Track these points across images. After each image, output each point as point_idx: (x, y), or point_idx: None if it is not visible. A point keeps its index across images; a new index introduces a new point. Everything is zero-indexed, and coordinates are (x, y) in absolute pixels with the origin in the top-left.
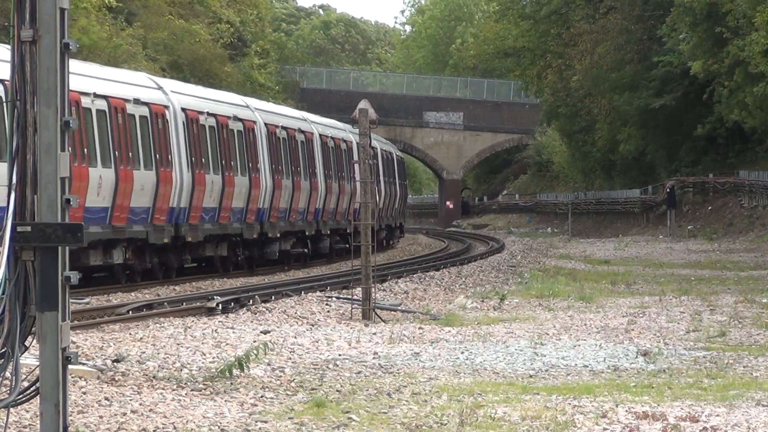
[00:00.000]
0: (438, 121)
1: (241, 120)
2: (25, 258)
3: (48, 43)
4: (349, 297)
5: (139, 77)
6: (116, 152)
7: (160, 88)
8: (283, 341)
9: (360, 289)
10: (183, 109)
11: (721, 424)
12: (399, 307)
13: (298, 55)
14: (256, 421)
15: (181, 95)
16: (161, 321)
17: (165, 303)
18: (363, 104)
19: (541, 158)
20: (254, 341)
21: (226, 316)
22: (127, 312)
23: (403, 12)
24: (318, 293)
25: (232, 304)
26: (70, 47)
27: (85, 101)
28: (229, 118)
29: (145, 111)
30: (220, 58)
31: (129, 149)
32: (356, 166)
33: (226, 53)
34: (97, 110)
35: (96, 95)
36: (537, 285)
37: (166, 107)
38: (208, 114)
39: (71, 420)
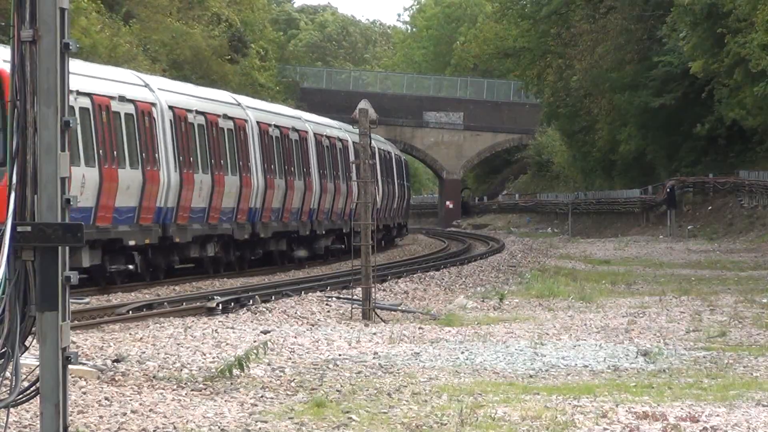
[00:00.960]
0: (438, 121)
1: (231, 118)
2: (25, 258)
3: (48, 43)
4: (349, 297)
5: (124, 74)
6: (100, 151)
7: (146, 85)
8: (283, 341)
9: (360, 289)
10: (171, 107)
11: (721, 424)
12: (399, 307)
13: (298, 55)
14: (256, 421)
15: (169, 93)
16: (161, 321)
17: (165, 303)
18: (363, 104)
19: (541, 158)
20: (254, 341)
21: (226, 316)
22: (127, 312)
23: (405, 10)
24: (318, 293)
25: (232, 304)
26: (70, 47)
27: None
28: (219, 116)
29: (131, 108)
30: (220, 53)
31: (114, 148)
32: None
33: (226, 46)
34: (80, 108)
35: (79, 93)
36: (537, 285)
37: (153, 105)
38: (197, 112)
39: (71, 420)
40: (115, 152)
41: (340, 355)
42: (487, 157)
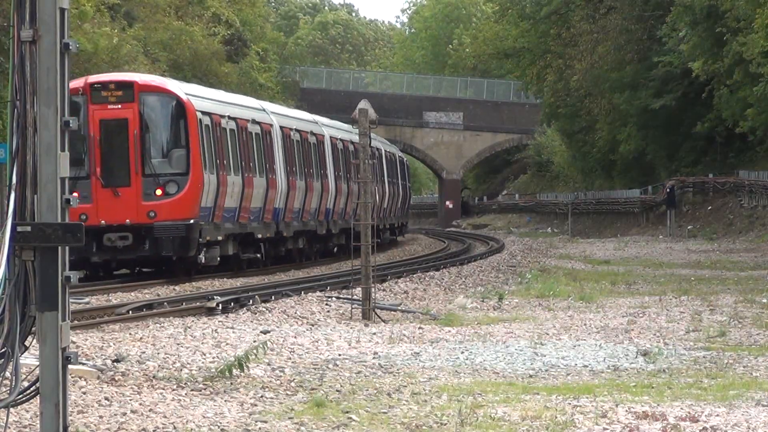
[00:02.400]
0: (438, 121)
1: (258, 123)
2: (25, 258)
3: (48, 43)
4: (349, 297)
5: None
6: (242, 163)
7: (263, 109)
8: (283, 341)
9: (360, 289)
10: (205, 113)
11: (720, 424)
12: (399, 307)
13: (298, 54)
14: (256, 421)
15: (201, 99)
16: (161, 321)
17: (165, 303)
18: (363, 104)
19: (541, 158)
20: (254, 341)
21: (226, 316)
22: (127, 312)
23: (403, 11)
24: (318, 293)
25: (232, 304)
26: (70, 47)
27: None
28: (248, 121)
29: (258, 129)
30: (218, 56)
31: (249, 160)
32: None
33: (223, 49)
34: (230, 129)
35: (229, 117)
36: (537, 285)
37: (271, 125)
38: (229, 117)
39: (71, 420)
40: (250, 164)
41: (339, 355)
42: (486, 157)
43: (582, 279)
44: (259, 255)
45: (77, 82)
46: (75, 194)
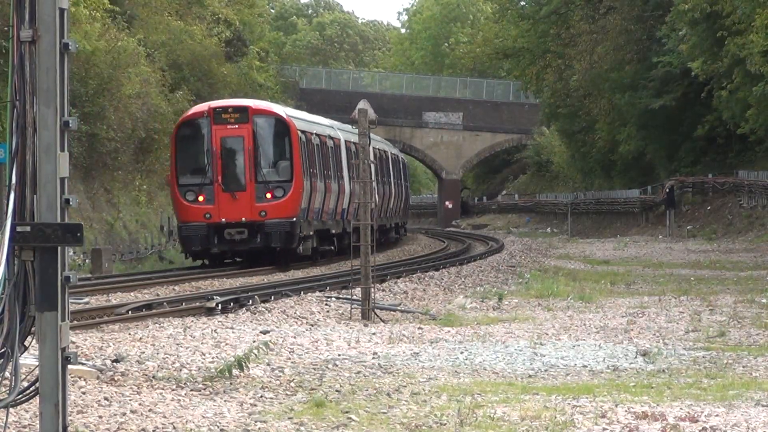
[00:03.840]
0: (437, 122)
1: (331, 138)
2: (24, 258)
3: (47, 43)
4: (349, 297)
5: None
6: (324, 170)
7: (332, 126)
8: (283, 341)
9: (359, 289)
10: (302, 131)
11: (720, 424)
12: (398, 308)
13: (296, 55)
14: (256, 421)
15: (297, 119)
16: (161, 321)
17: (164, 303)
18: (362, 104)
19: (541, 158)
20: (254, 341)
21: (226, 316)
22: (127, 312)
23: (400, 13)
24: (317, 293)
25: (232, 304)
26: (70, 47)
27: None
28: (326, 136)
29: (331, 142)
30: (217, 57)
31: (328, 168)
32: (373, 167)
33: (223, 51)
34: (315, 144)
35: (316, 134)
36: (536, 285)
37: (337, 139)
38: (316, 134)
39: (71, 420)
40: (329, 171)
41: (339, 355)
42: (486, 157)
43: (581, 279)
44: (333, 247)
45: (202, 107)
46: (201, 197)
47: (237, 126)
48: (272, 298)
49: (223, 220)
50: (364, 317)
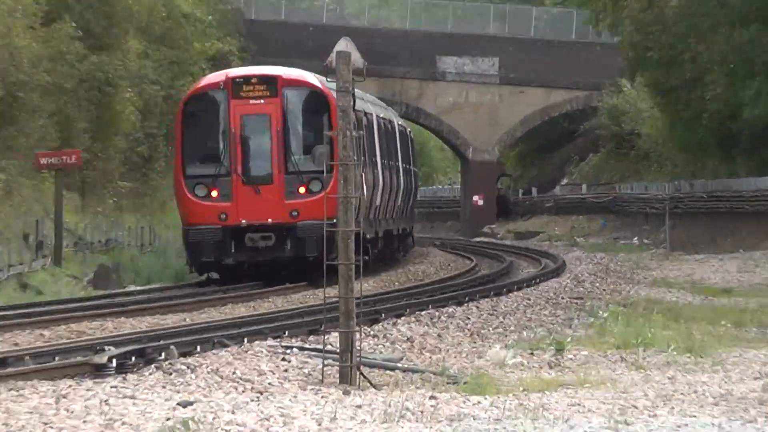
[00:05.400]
0: (459, 71)
1: (386, 119)
2: None
3: None
4: (320, 348)
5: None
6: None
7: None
8: (214, 419)
9: (337, 334)
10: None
11: None
12: (399, 364)
13: None
14: None
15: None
16: (19, 386)
17: (26, 357)
18: (343, 44)
19: (622, 129)
20: (167, 419)
21: (124, 379)
22: None
23: None
24: (270, 342)
25: (134, 358)
26: None
27: None
28: (375, 115)
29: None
30: None
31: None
32: (378, 143)
33: None
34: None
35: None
36: (617, 328)
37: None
38: (364, 113)
39: None
40: (364, 156)
41: None
42: (536, 126)
43: (688, 319)
44: (366, 257)
45: (217, 77)
46: (214, 193)
47: (263, 101)
48: (198, 348)
49: (243, 221)
50: (343, 380)
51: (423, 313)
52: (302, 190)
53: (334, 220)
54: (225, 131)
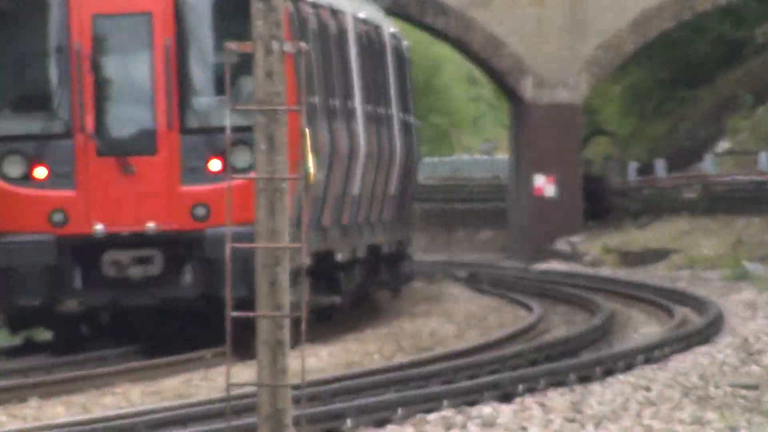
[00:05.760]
0: None
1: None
2: None
3: None
4: None
5: None
6: None
7: None
8: None
9: None
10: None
11: None
12: None
13: None
14: None
15: None
16: None
17: None
18: None
19: None
20: None
21: None
22: None
23: None
24: None
25: None
26: None
27: None
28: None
29: None
30: None
31: None
32: (355, 73)
33: None
34: None
35: None
36: None
37: None
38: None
39: None
40: (333, 98)
41: None
42: (663, 34)
43: None
44: (337, 297)
45: None
46: (40, 171)
47: None
48: None
49: (99, 227)
50: None
51: (431, 417)
52: (215, 165)
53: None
54: (61, 49)
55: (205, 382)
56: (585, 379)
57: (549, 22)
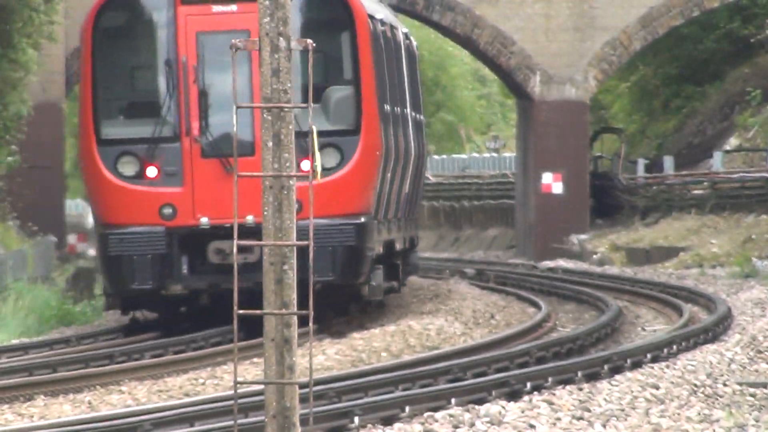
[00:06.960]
0: None
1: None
2: None
3: None
4: None
5: None
6: None
7: None
8: None
9: None
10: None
11: None
12: None
13: None
14: None
15: None
16: None
17: None
18: None
19: None
20: None
21: None
22: None
23: None
24: None
25: None
26: None
27: None
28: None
29: None
30: None
31: None
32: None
33: None
34: None
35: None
36: None
37: None
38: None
39: None
40: (396, 104)
41: None
42: (672, 30)
43: None
44: (394, 283)
45: None
46: (152, 170)
47: (235, 7)
48: None
49: (204, 220)
50: None
51: (438, 415)
52: (306, 165)
53: (362, 218)
54: (169, 62)
55: (211, 380)
56: (593, 377)
57: (556, 19)
